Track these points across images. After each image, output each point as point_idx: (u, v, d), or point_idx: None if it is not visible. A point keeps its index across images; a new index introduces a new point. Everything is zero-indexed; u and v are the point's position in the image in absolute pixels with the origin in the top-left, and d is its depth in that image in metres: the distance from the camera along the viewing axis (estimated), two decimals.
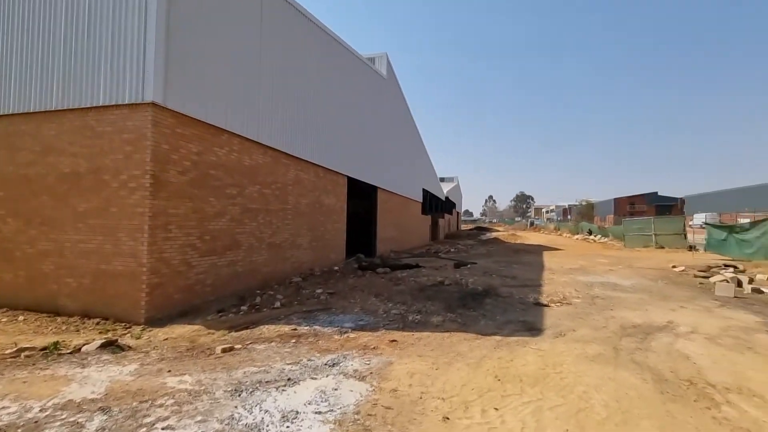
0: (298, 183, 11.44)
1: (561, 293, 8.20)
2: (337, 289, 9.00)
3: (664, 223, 20.53)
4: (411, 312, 6.75)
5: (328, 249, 13.55)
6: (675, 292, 8.54)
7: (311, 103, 12.09)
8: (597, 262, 14.16)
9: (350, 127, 15.65)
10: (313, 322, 6.11)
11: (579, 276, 10.80)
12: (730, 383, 3.66)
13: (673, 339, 5.12)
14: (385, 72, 20.71)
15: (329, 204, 13.76)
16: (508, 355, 4.33)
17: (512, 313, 6.58)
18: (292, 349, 4.61)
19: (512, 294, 8.13)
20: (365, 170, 17.54)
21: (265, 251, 9.71)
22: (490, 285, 9.16)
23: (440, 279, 9.95)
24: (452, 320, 6.14)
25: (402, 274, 11.09)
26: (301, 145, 11.38)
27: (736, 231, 13.85)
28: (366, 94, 17.80)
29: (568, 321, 6.07)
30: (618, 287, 9.04)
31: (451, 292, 8.40)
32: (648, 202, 66.34)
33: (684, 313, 6.54)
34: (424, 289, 8.79)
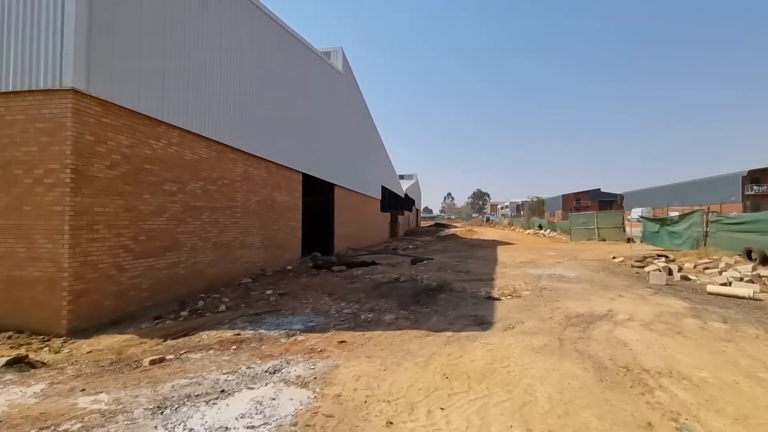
0: (248, 179, 10.89)
1: (512, 286, 8.40)
2: (289, 290, 8.65)
3: (606, 218, 21.96)
4: (364, 311, 6.58)
5: (282, 248, 13.06)
6: (614, 281, 9.04)
7: (262, 97, 11.54)
8: (546, 255, 14.80)
9: (305, 122, 15.18)
10: (259, 326, 5.76)
11: (529, 269, 11.18)
12: (662, 367, 3.83)
13: (612, 327, 5.35)
14: (341, 66, 20.37)
15: (283, 201, 13.27)
16: (457, 351, 4.29)
17: (464, 308, 6.61)
18: (231, 357, 4.27)
19: (465, 289, 8.21)
20: (322, 167, 17.15)
21: (211, 251, 9.13)
22: (445, 280, 9.21)
23: (396, 276, 9.88)
24: (405, 318, 6.04)
25: (358, 272, 10.90)
26: (250, 139, 10.83)
27: (667, 223, 15.04)
28: (321, 89, 17.37)
29: (517, 313, 6.18)
30: (564, 279, 9.43)
31: (406, 289, 8.34)
32: (592, 198, 71.05)
33: (622, 302, 6.90)
34: (378, 287, 8.66)
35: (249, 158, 10.92)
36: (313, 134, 16.13)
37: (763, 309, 6.34)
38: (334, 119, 18.89)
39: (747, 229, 11.43)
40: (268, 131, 11.96)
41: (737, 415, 2.90)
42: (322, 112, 17.21)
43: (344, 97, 20.74)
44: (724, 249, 11.93)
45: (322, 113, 17.21)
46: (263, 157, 11.65)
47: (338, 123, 19.64)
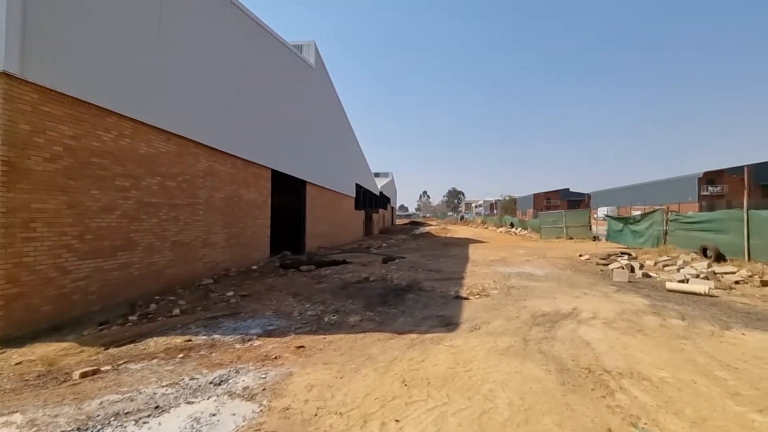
0: (212, 175, 10.37)
1: (481, 285, 8.35)
2: (253, 291, 8.26)
3: (574, 216, 22.55)
4: (328, 312, 6.32)
5: (249, 247, 12.58)
6: (580, 279, 9.17)
7: (228, 89, 11.02)
8: (516, 254, 14.97)
9: (275, 117, 14.70)
10: (213, 330, 5.40)
11: (499, 267, 11.22)
12: (623, 368, 3.79)
13: (576, 326, 5.33)
14: (314, 61, 19.91)
15: (250, 198, 12.78)
16: (420, 355, 4.11)
17: (432, 308, 6.47)
18: (176, 367, 3.92)
19: (435, 288, 8.09)
20: (293, 163, 16.70)
21: (170, 251, 8.62)
22: (415, 280, 9.07)
23: (365, 275, 9.66)
24: (370, 319, 5.83)
25: (326, 271, 10.61)
26: (215, 133, 10.31)
27: (630, 222, 15.55)
28: (293, 83, 16.89)
29: (484, 313, 6.10)
30: (532, 277, 9.49)
31: (374, 289, 8.13)
32: (561, 197, 73.33)
33: (587, 300, 6.96)
34: (346, 287, 8.41)
35: (213, 153, 10.41)
36: (284, 130, 15.66)
37: (718, 305, 6.54)
38: (306, 115, 18.43)
39: (702, 228, 11.92)
40: (235, 125, 11.46)
41: (695, 417, 2.86)
42: (293, 108, 16.73)
43: (317, 93, 20.30)
44: (682, 247, 12.41)
45: (293, 108, 16.73)
46: (229, 152, 11.15)
47: (310, 119, 19.19)
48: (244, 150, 12.01)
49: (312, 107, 19.48)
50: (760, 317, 5.77)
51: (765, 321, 5.56)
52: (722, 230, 11.12)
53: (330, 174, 22.61)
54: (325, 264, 11.96)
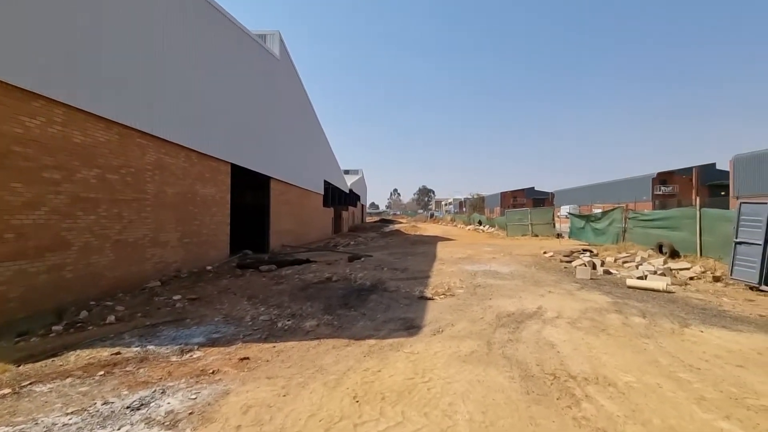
0: (162, 168, 9.58)
1: (447, 284, 8.13)
2: (204, 294, 7.63)
3: (538, 214, 23.05)
4: (283, 317, 5.85)
5: (206, 246, 11.80)
6: (545, 276, 9.17)
7: (182, 76, 10.22)
8: (483, 251, 14.99)
9: (236, 109, 13.93)
10: (149, 341, 4.81)
11: (466, 265, 11.10)
12: (589, 372, 3.61)
13: (541, 326, 5.17)
14: (278, 52, 19.12)
15: (207, 194, 12.00)
16: (376, 365, 3.76)
17: (395, 310, 6.15)
18: (91, 387, 3.35)
19: (399, 288, 7.79)
20: (256, 158, 15.94)
21: (112, 251, 7.83)
22: (379, 279, 8.73)
23: (328, 275, 9.22)
24: (328, 324, 5.42)
25: (287, 271, 10.07)
26: (166, 124, 9.53)
27: (592, 220, 15.97)
28: (255, 74, 16.09)
29: (448, 314, 5.84)
30: (498, 275, 9.40)
31: (336, 290, 7.72)
32: (527, 195, 75.51)
33: (551, 298, 6.88)
34: (306, 288, 7.95)
35: (163, 145, 9.61)
36: (246, 123, 14.89)
37: (676, 302, 6.63)
38: (270, 108, 17.67)
39: (658, 225, 12.35)
40: (190, 116, 10.66)
41: (663, 426, 2.68)
42: (256, 100, 15.96)
43: (282, 86, 19.53)
44: (640, 243, 12.82)
45: (256, 101, 15.96)
46: (182, 144, 10.37)
47: (276, 113, 18.43)
48: (199, 142, 11.22)
49: (277, 100, 18.72)
50: (715, 313, 5.85)
51: (720, 317, 5.63)
52: (676, 227, 11.54)
53: (296, 170, 21.90)
54: (287, 263, 11.40)
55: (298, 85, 22.76)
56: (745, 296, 7.00)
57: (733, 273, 7.73)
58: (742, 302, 6.59)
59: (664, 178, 50.54)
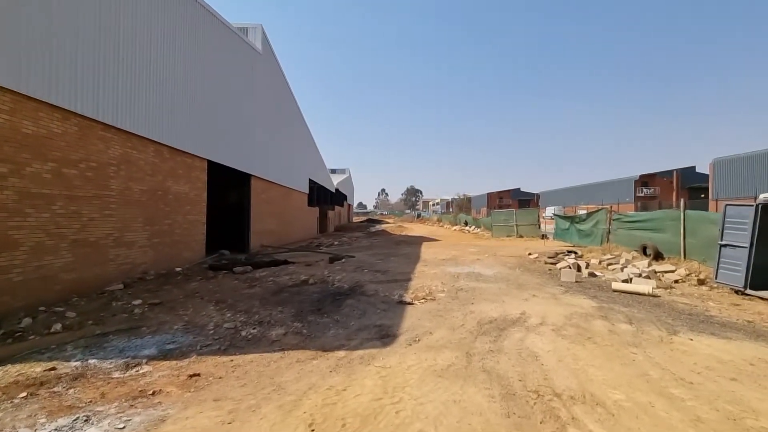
0: (128, 163, 8.99)
1: (428, 288, 7.79)
2: (168, 298, 7.10)
3: (524, 215, 23.00)
4: (250, 324, 5.41)
5: (179, 246, 11.22)
6: (529, 279, 8.91)
7: (153, 66, 9.65)
8: (467, 252, 14.74)
9: (215, 104, 13.35)
10: (94, 353, 4.31)
11: (449, 267, 10.79)
12: (575, 389, 3.29)
13: (524, 334, 4.86)
14: (261, 46, 18.54)
15: (180, 192, 11.41)
16: (342, 383, 3.37)
17: (371, 316, 5.76)
18: (4, 414, 2.87)
19: (378, 292, 7.40)
20: (235, 155, 15.36)
21: (69, 251, 7.25)
22: (358, 282, 8.33)
23: (305, 277, 8.77)
24: (296, 332, 5.00)
25: (262, 273, 9.58)
26: (134, 116, 8.95)
27: (577, 221, 15.90)
28: (237, 68, 15.52)
29: (427, 321, 5.49)
30: (481, 277, 9.11)
31: (311, 294, 7.29)
32: (513, 196, 76.11)
33: (535, 302, 6.60)
34: (280, 291, 7.49)
35: (130, 138, 9.03)
36: (226, 118, 14.31)
37: (662, 306, 6.42)
38: (252, 104, 17.09)
39: (642, 227, 12.27)
40: (161, 109, 10.09)
41: None
42: (236, 95, 15.38)
43: (265, 81, 18.94)
44: (624, 245, 12.74)
45: (236, 95, 15.38)
46: (152, 138, 9.80)
47: (258, 108, 17.86)
48: (172, 137, 10.65)
49: (259, 96, 18.14)
50: (702, 319, 5.65)
51: (707, 323, 5.42)
52: (660, 229, 11.46)
53: (279, 168, 21.35)
54: (263, 264, 10.90)
55: (282, 81, 22.17)
56: (731, 300, 6.84)
57: (718, 276, 7.59)
58: (728, 307, 6.42)
59: (646, 180, 51.48)
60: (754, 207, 6.97)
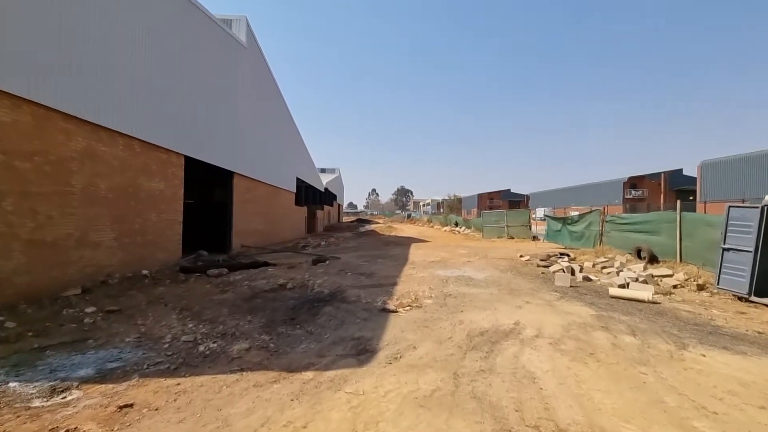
0: (93, 158, 8.30)
1: (414, 293, 7.24)
2: (129, 305, 6.43)
3: (515, 216, 22.63)
4: (211, 336, 4.79)
5: (152, 246, 10.51)
6: (522, 283, 8.43)
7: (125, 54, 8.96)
8: (457, 254, 14.24)
9: (194, 97, 12.67)
10: (20, 374, 3.65)
11: (438, 270, 10.27)
12: (581, 421, 2.77)
13: (519, 348, 4.34)
14: (245, 39, 17.83)
15: (154, 189, 10.71)
16: (304, 416, 2.79)
17: (349, 327, 5.19)
18: None
19: (360, 298, 6.82)
20: (217, 151, 14.66)
21: (22, 253, 6.58)
22: (340, 287, 7.74)
23: (283, 281, 8.16)
24: (262, 346, 4.40)
25: (238, 276, 8.92)
26: (99, 106, 8.26)
27: (569, 222, 15.51)
28: (219, 61, 14.83)
29: (412, 333, 4.93)
30: (472, 281, 8.60)
31: (287, 300, 6.68)
32: (503, 197, 76.17)
33: (529, 310, 6.09)
34: (254, 297, 6.87)
35: (95, 130, 8.34)
36: (206, 112, 13.61)
37: (664, 315, 5.97)
38: (235, 99, 16.38)
39: (637, 229, 11.91)
40: (133, 100, 9.40)
41: None
42: (218, 88, 14.69)
43: (249, 75, 18.25)
44: (618, 247, 12.37)
45: (218, 89, 14.69)
46: (122, 131, 9.11)
47: (242, 104, 17.16)
48: (145, 130, 9.96)
49: (243, 91, 17.45)
50: (710, 330, 5.19)
51: (716, 335, 4.97)
52: (655, 231, 11.10)
53: (265, 166, 20.66)
54: (241, 267, 10.23)
55: (268, 76, 21.44)
56: (735, 308, 6.43)
57: (720, 282, 7.19)
58: (734, 315, 5.99)
59: (635, 182, 51.82)
60: (760, 209, 6.57)
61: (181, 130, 11.80)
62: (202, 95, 13.17)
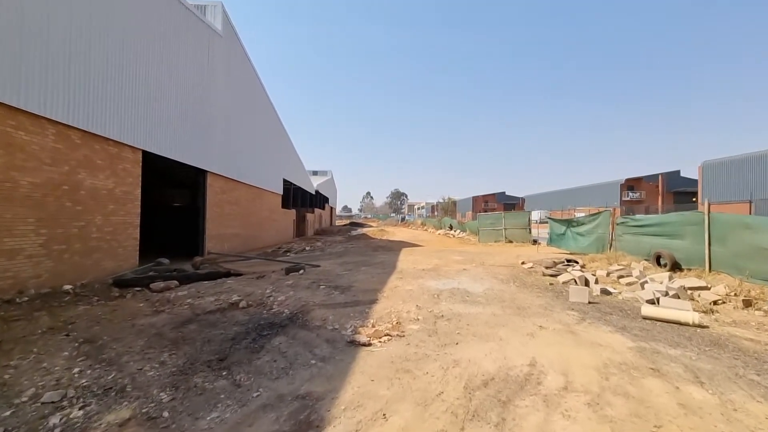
0: (10, 147, 6.94)
1: (397, 314, 5.72)
2: (16, 335, 4.85)
3: (513, 218, 21.21)
4: (88, 393, 3.23)
5: (96, 254, 8.99)
6: (529, 299, 6.95)
7: (65, 31, 7.46)
8: (452, 260, 12.75)
9: (157, 86, 11.23)
10: None
11: (429, 281, 8.77)
12: None
13: (544, 415, 2.85)
14: (221, 27, 16.34)
15: (100, 187, 9.18)
16: None
17: (297, 373, 3.65)
18: None
19: (326, 322, 5.29)
20: (186, 148, 13.15)
21: None
22: (305, 305, 6.20)
23: (237, 298, 6.60)
24: (150, 416, 2.85)
25: (183, 291, 7.31)
26: (22, 88, 6.76)
27: (574, 225, 14.11)
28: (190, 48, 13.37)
29: (385, 384, 3.42)
30: (469, 296, 7.10)
31: (230, 326, 5.12)
32: (498, 200, 75.07)
33: (546, 340, 4.60)
34: (188, 322, 5.30)
35: (14, 115, 6.92)
36: (171, 104, 12.11)
37: (722, 346, 4.51)
38: (207, 91, 14.85)
39: (654, 232, 10.52)
40: (72, 84, 7.94)
41: None
42: (187, 78, 13.19)
43: (225, 66, 16.74)
44: (631, 253, 10.98)
45: (187, 79, 13.19)
46: (54, 118, 7.61)
47: (215, 97, 15.63)
48: (88, 119, 8.49)
49: (219, 83, 15.94)
50: None
51: None
52: (676, 235, 9.71)
53: (246, 165, 19.14)
54: (197, 278, 8.65)
55: (249, 70, 19.91)
56: None
57: None
58: None
59: (632, 184, 50.88)
60: None
61: (138, 122, 10.30)
62: (166, 84, 11.68)
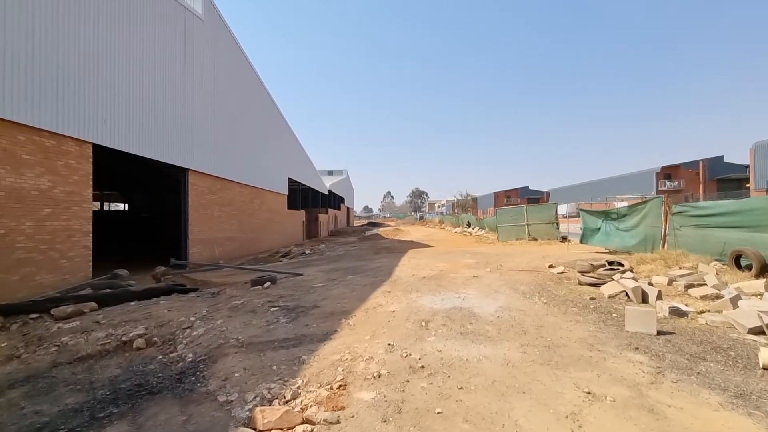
0: None
1: (349, 364, 3.60)
2: None
3: (537, 212, 18.57)
4: None
5: (27, 266, 7.62)
6: (564, 326, 4.68)
7: None
8: (462, 264, 10.48)
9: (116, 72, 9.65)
10: None
11: (425, 295, 6.60)
12: None
13: None
14: (201, 10, 14.66)
15: (27, 187, 7.65)
16: None
17: None
18: None
19: (227, 383, 3.24)
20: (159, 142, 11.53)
21: None
22: (222, 345, 4.16)
23: (138, 333, 4.65)
24: None
25: (76, 322, 5.41)
26: None
27: (613, 218, 11.54)
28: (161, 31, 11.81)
29: None
30: (473, 322, 4.90)
31: (71, 393, 3.13)
32: (521, 195, 71.35)
33: None
34: (22, 383, 3.38)
35: None
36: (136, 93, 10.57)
37: None
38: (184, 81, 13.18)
39: (727, 223, 7.95)
40: None
41: None
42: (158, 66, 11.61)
43: (210, 54, 15.08)
44: (695, 251, 8.40)
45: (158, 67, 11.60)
46: None
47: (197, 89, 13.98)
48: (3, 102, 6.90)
49: (201, 73, 14.27)
50: None
51: None
52: (763, 227, 7.16)
53: (241, 163, 17.52)
54: (126, 298, 6.82)
55: (240, 60, 18.18)
56: None
57: None
58: None
59: (669, 172, 46.66)
60: None
61: (86, 110, 8.70)
62: (131, 71, 10.14)
